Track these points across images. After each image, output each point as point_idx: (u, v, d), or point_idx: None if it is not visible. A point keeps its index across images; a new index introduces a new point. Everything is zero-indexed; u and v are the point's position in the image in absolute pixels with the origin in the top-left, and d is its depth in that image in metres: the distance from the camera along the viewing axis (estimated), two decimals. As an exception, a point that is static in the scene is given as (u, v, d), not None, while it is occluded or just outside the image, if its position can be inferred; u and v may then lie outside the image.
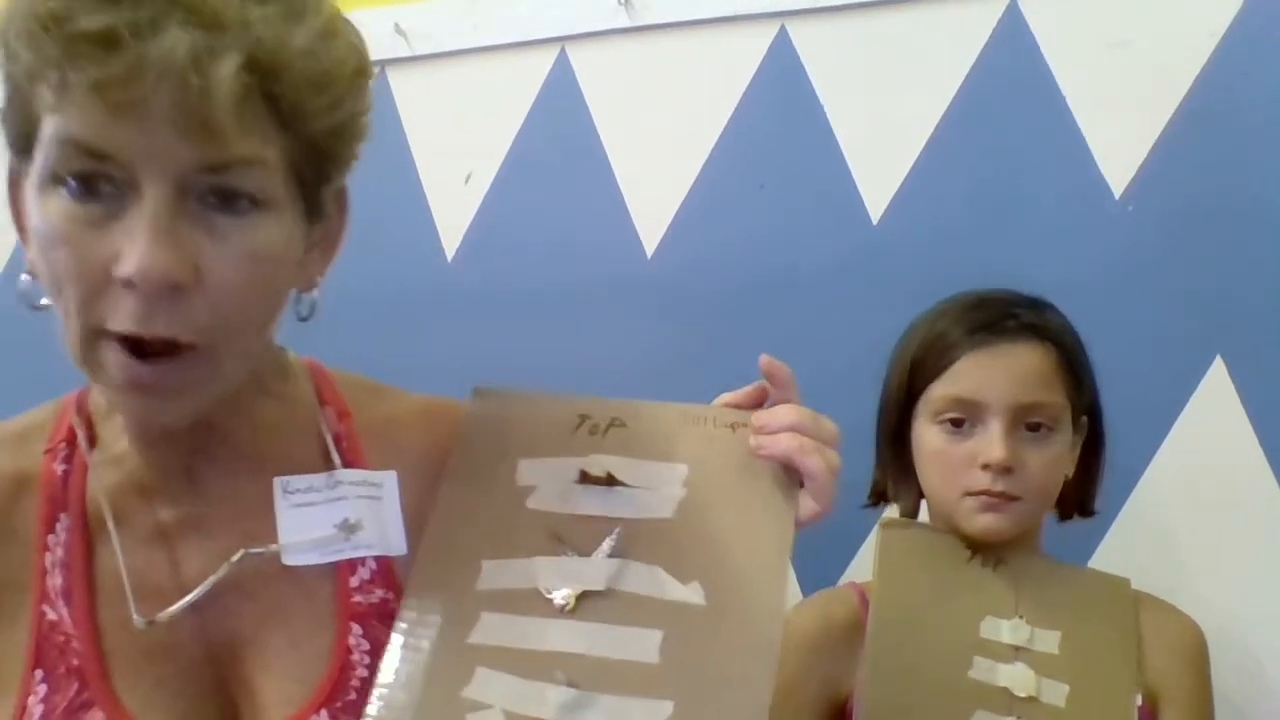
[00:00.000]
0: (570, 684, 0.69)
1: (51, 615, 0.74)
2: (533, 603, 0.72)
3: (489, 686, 0.69)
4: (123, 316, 0.65)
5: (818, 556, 1.26)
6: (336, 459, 0.80)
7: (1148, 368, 1.30)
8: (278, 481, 0.78)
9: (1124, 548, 1.30)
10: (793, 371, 0.78)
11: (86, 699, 0.72)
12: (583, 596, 0.72)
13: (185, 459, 0.77)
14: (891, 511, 1.21)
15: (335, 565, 0.77)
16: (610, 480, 0.76)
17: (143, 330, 0.65)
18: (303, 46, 0.66)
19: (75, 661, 0.73)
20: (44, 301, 0.69)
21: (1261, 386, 1.27)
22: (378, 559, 0.78)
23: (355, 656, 0.75)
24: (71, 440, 0.79)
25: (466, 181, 1.63)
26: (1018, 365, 1.09)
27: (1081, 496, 1.17)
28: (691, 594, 0.71)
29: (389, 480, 0.80)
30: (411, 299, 1.64)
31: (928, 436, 1.12)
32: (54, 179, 0.65)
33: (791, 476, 0.75)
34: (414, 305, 1.63)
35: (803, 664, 1.11)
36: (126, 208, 0.64)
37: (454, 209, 1.63)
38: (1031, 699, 1.01)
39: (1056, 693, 1.02)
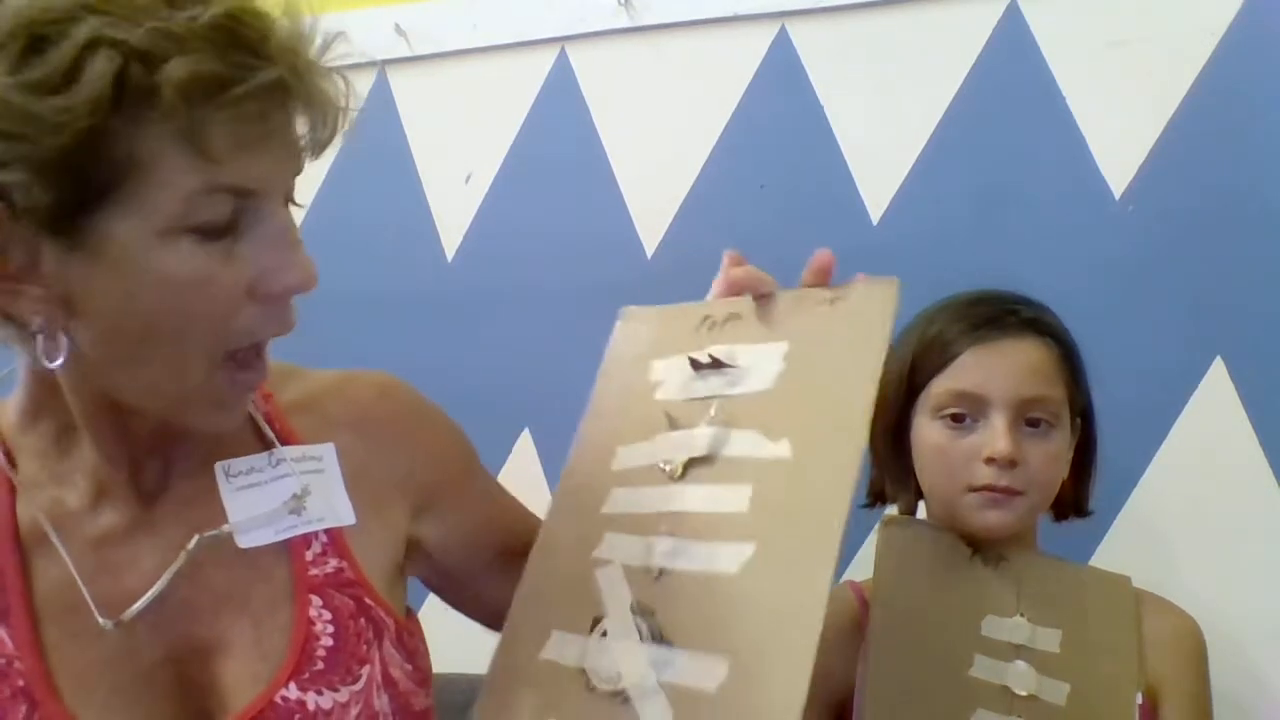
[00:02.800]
0: (671, 535, 0.77)
1: None
2: (651, 475, 0.81)
3: (612, 546, 0.80)
4: (267, 326, 0.70)
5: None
6: (272, 436, 0.80)
7: (1148, 368, 1.30)
8: (219, 466, 0.78)
9: (1123, 548, 1.30)
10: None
11: (38, 719, 0.71)
12: (689, 464, 0.80)
13: (151, 458, 0.77)
14: (890, 511, 1.21)
15: (288, 544, 0.77)
16: (716, 363, 0.82)
17: (289, 327, 0.71)
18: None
19: (20, 682, 0.71)
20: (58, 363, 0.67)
21: (1261, 386, 1.27)
22: (328, 531, 0.79)
23: (318, 627, 0.75)
24: None
25: (466, 181, 1.63)
26: (1020, 359, 1.09)
27: (1076, 497, 1.17)
28: (780, 450, 0.76)
29: (328, 453, 0.81)
30: (411, 299, 1.64)
31: (928, 433, 1.11)
32: (191, 229, 0.65)
33: (880, 340, 0.77)
34: (414, 305, 1.63)
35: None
36: (242, 229, 0.67)
37: (454, 209, 1.63)
38: (1032, 697, 1.01)
39: (1057, 691, 1.01)
